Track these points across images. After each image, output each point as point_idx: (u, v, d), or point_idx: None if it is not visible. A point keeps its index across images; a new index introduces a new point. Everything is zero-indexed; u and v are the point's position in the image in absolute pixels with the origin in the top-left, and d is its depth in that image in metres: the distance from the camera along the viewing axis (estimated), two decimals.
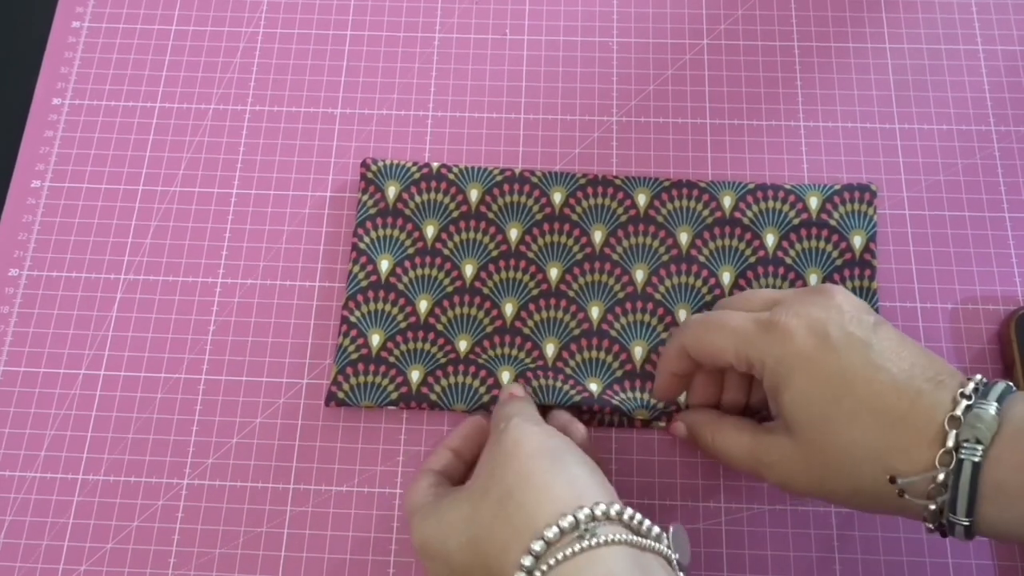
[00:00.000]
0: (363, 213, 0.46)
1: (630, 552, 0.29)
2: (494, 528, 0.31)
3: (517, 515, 0.31)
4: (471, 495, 0.33)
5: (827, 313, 0.34)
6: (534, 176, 0.46)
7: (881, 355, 0.33)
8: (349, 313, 0.44)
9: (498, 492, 0.32)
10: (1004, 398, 0.31)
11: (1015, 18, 0.50)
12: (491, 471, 0.33)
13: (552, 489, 0.31)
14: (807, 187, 0.46)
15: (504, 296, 0.44)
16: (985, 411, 0.30)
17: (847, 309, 0.34)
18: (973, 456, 0.29)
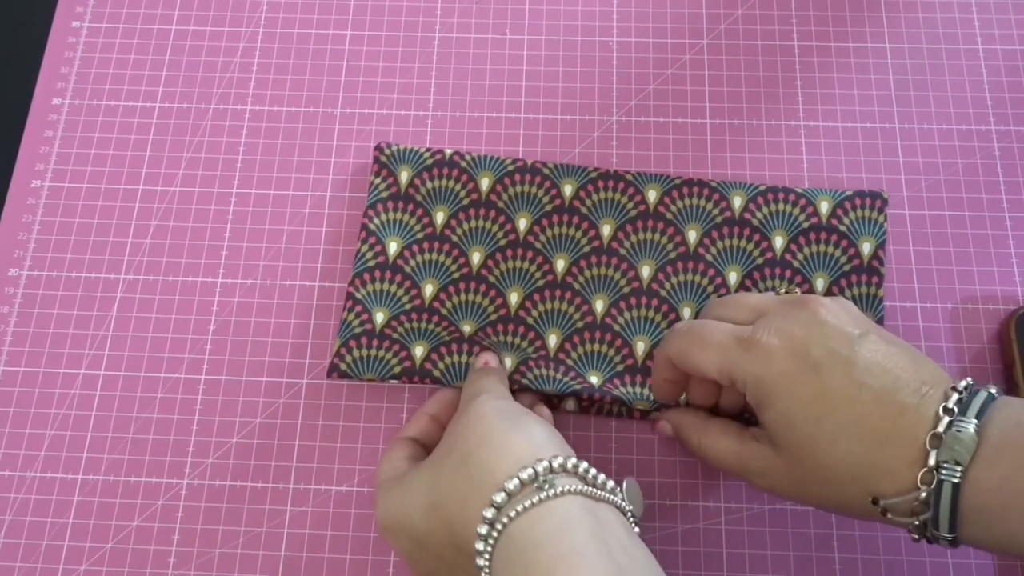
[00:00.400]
0: (375, 196, 0.46)
1: (586, 502, 0.30)
2: (455, 487, 0.32)
3: (478, 472, 0.32)
4: (433, 462, 0.34)
5: (808, 331, 0.34)
6: (546, 167, 0.46)
7: (864, 371, 0.32)
8: (355, 290, 0.44)
9: (459, 454, 0.33)
10: (985, 411, 0.30)
11: (1015, 18, 0.50)
12: (455, 437, 0.34)
13: (511, 445, 0.32)
14: (819, 191, 0.45)
15: (510, 285, 0.45)
16: (964, 431, 0.30)
17: (831, 323, 0.34)
18: (952, 477, 0.29)
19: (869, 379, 0.32)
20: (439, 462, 0.34)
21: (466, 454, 0.33)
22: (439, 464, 0.34)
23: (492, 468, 0.31)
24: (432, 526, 0.33)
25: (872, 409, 0.32)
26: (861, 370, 0.32)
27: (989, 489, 0.29)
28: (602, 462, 0.42)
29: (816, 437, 0.32)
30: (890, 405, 0.32)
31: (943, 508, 0.30)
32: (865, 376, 0.32)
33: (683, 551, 0.41)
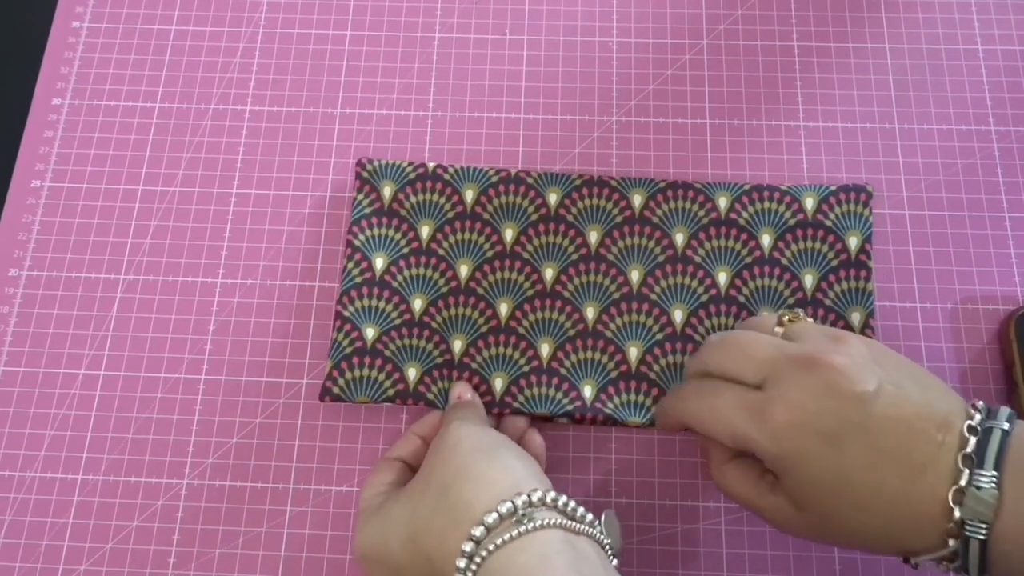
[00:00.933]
0: (358, 212, 0.46)
1: (565, 535, 0.31)
2: (434, 520, 0.32)
3: (456, 506, 0.32)
4: (411, 493, 0.35)
5: (820, 402, 0.32)
6: (530, 177, 0.46)
7: (880, 435, 0.31)
8: (343, 308, 0.44)
9: (437, 486, 0.33)
10: (1003, 454, 0.30)
11: (1015, 18, 0.50)
12: (431, 468, 0.35)
13: (489, 478, 0.32)
14: (803, 188, 0.46)
15: (499, 296, 0.44)
16: (985, 489, 0.29)
17: (843, 387, 0.32)
18: (978, 535, 0.29)
19: (886, 442, 0.31)
20: (417, 494, 0.34)
21: (444, 487, 0.33)
22: (418, 496, 0.34)
23: (471, 501, 0.31)
24: (411, 557, 0.33)
25: (891, 472, 0.31)
26: (876, 434, 0.31)
27: (1014, 538, 0.29)
28: (602, 462, 0.43)
29: (836, 507, 0.32)
30: (909, 466, 0.31)
31: (972, 560, 0.30)
32: (882, 440, 0.31)
33: (683, 551, 0.41)
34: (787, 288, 0.44)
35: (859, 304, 0.44)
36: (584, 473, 0.42)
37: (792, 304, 0.44)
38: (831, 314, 0.44)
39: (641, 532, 0.41)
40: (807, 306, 0.44)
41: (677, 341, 0.44)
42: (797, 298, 0.44)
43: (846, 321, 0.43)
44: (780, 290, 0.44)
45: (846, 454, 0.31)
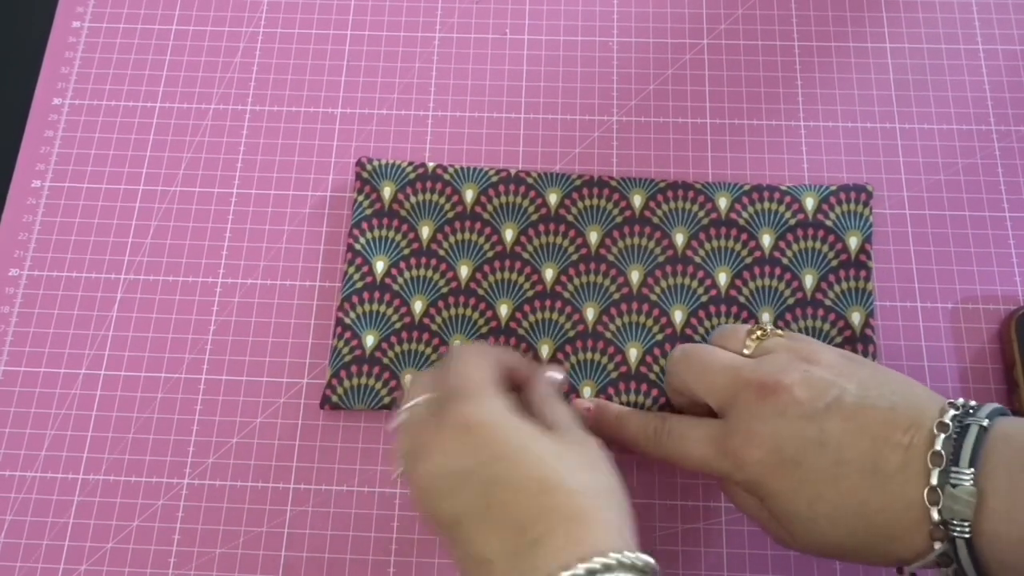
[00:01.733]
0: (359, 214, 0.46)
1: None
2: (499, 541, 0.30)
3: (535, 553, 0.29)
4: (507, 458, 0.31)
5: (775, 427, 0.32)
6: (529, 177, 0.46)
7: (839, 448, 0.31)
8: (344, 315, 0.44)
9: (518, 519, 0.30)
10: (979, 450, 0.29)
11: (1015, 18, 0.50)
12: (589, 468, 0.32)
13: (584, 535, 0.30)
14: (803, 188, 0.46)
15: (499, 297, 0.44)
16: (961, 486, 0.29)
17: (793, 412, 0.32)
18: (963, 534, 0.29)
19: (848, 454, 0.31)
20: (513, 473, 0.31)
21: (524, 527, 0.29)
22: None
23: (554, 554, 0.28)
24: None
25: (859, 484, 0.31)
26: (836, 449, 0.31)
27: (1004, 535, 0.28)
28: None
29: (816, 521, 0.32)
30: (876, 474, 0.31)
31: (964, 562, 0.29)
32: (843, 453, 0.31)
33: (683, 551, 0.41)
34: (787, 288, 0.44)
35: (859, 304, 0.44)
36: None
37: (792, 304, 0.44)
38: (831, 314, 0.44)
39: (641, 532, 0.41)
40: (807, 306, 0.44)
41: (677, 342, 0.44)
42: (797, 298, 0.44)
43: (846, 321, 0.43)
44: (780, 290, 0.44)
45: (810, 472, 0.31)
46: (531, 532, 0.29)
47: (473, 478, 0.31)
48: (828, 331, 0.43)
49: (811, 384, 0.33)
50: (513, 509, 0.30)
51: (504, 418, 0.32)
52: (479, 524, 0.30)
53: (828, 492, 0.31)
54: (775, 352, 0.35)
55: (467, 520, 0.30)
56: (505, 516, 0.30)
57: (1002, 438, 0.30)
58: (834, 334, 0.43)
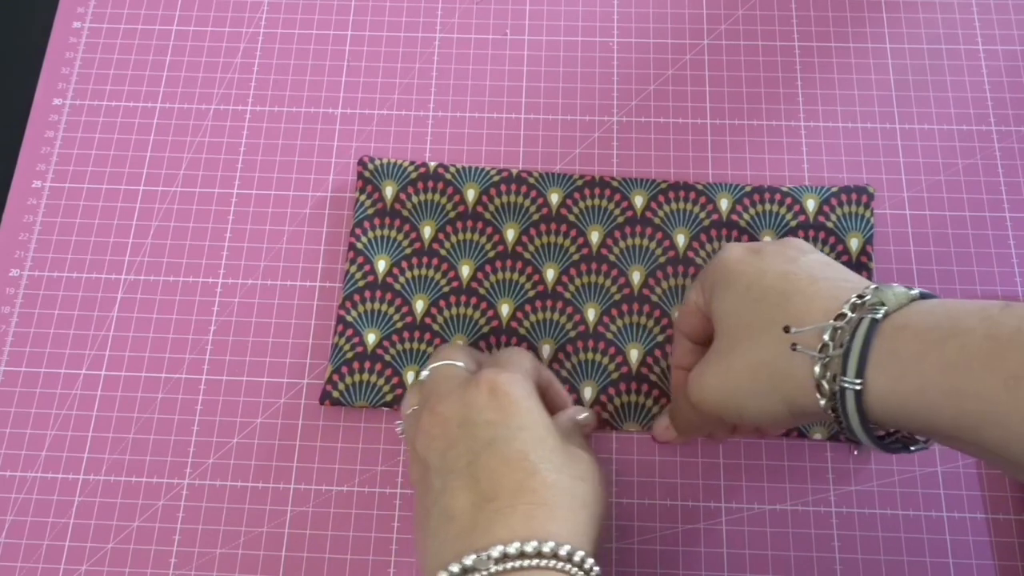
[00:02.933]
0: (361, 213, 0.46)
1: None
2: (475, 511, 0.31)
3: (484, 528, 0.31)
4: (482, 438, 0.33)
5: (768, 242, 0.36)
6: (531, 177, 0.46)
7: (803, 263, 0.34)
8: (345, 313, 0.44)
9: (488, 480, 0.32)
10: (866, 353, 0.29)
11: (1015, 18, 0.50)
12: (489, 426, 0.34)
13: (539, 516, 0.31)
14: (804, 189, 0.46)
15: (500, 297, 0.44)
16: (900, 288, 0.30)
17: (794, 240, 0.36)
18: (874, 314, 0.29)
19: (806, 263, 0.34)
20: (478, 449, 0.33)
21: (492, 492, 0.31)
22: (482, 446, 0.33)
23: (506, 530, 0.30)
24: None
25: (800, 278, 0.33)
26: (803, 263, 0.34)
27: (913, 334, 0.28)
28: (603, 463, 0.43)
29: (742, 305, 0.34)
30: (818, 277, 0.33)
31: (856, 341, 0.29)
32: (804, 264, 0.34)
33: (683, 551, 0.41)
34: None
35: None
36: None
37: None
38: None
39: (641, 532, 0.41)
40: None
41: None
42: None
43: None
44: None
45: (768, 262, 0.34)
46: (498, 502, 0.30)
47: (475, 434, 0.33)
48: None
49: (753, 249, 0.36)
50: (494, 476, 0.31)
51: (527, 396, 0.34)
52: (460, 479, 0.32)
53: (770, 278, 0.34)
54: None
55: (452, 474, 0.32)
56: (484, 479, 0.31)
57: (897, 329, 0.29)
58: None
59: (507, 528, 0.30)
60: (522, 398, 0.34)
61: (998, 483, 0.42)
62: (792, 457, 0.42)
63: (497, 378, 0.34)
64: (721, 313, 0.35)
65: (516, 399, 0.34)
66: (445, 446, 0.33)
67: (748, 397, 0.33)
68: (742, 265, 0.35)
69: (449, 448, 0.33)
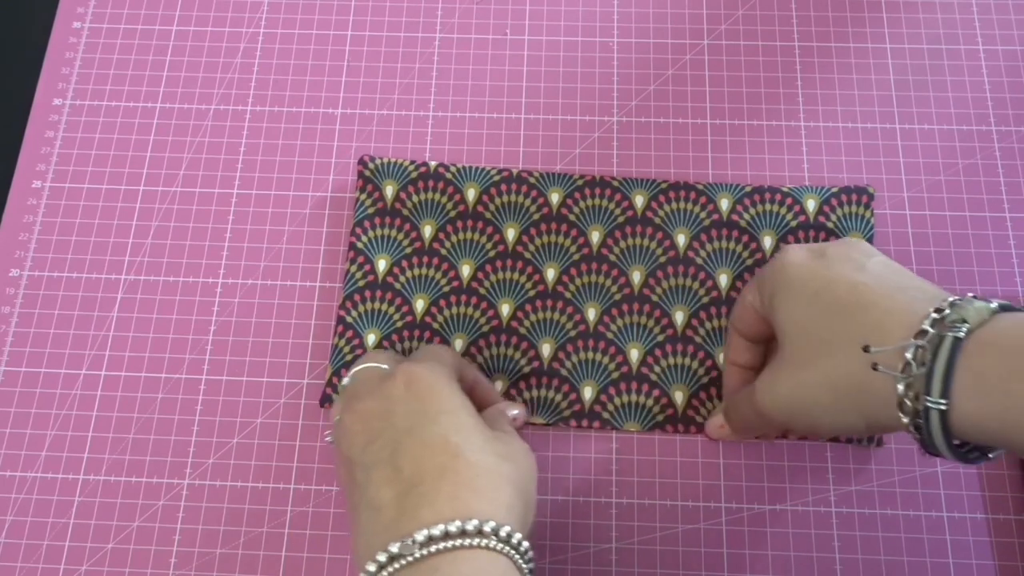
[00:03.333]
0: (361, 212, 0.46)
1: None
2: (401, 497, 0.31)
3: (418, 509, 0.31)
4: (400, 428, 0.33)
5: (829, 243, 0.36)
6: (531, 176, 0.46)
7: (871, 270, 0.33)
8: (346, 313, 0.44)
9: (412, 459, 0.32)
10: (950, 375, 0.29)
11: (1015, 18, 0.50)
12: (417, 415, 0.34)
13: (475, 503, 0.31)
14: (804, 189, 0.46)
15: (501, 297, 0.44)
16: (980, 302, 0.29)
17: (853, 240, 0.36)
18: (956, 332, 0.28)
19: (876, 270, 0.33)
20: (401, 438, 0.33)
21: (419, 477, 0.31)
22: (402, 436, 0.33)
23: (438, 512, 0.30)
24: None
25: (872, 289, 0.32)
26: (870, 271, 0.33)
27: (998, 353, 0.28)
28: (603, 463, 0.43)
29: (812, 314, 0.33)
30: (891, 287, 0.32)
31: (940, 361, 0.28)
32: (872, 271, 0.33)
33: (684, 551, 0.41)
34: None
35: None
36: (585, 473, 0.42)
37: None
38: None
39: (642, 532, 0.41)
40: None
41: (678, 343, 0.44)
42: None
43: None
44: None
45: (835, 270, 0.34)
46: (423, 487, 0.31)
47: (395, 424, 0.33)
48: None
49: (815, 252, 0.35)
50: (416, 462, 0.31)
51: (445, 383, 0.35)
52: (383, 470, 0.32)
53: (840, 287, 0.33)
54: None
55: (375, 467, 0.32)
56: (407, 466, 0.31)
57: (981, 346, 0.29)
58: None
59: (432, 511, 0.30)
60: (439, 385, 0.34)
61: (998, 483, 0.42)
62: (792, 457, 0.42)
63: (412, 368, 0.35)
64: (788, 322, 0.34)
65: (433, 386, 0.34)
66: (366, 441, 0.33)
67: (824, 412, 0.33)
68: (806, 271, 0.34)
69: (370, 442, 0.33)
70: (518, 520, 0.32)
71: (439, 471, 0.31)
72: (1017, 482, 0.42)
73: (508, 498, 0.32)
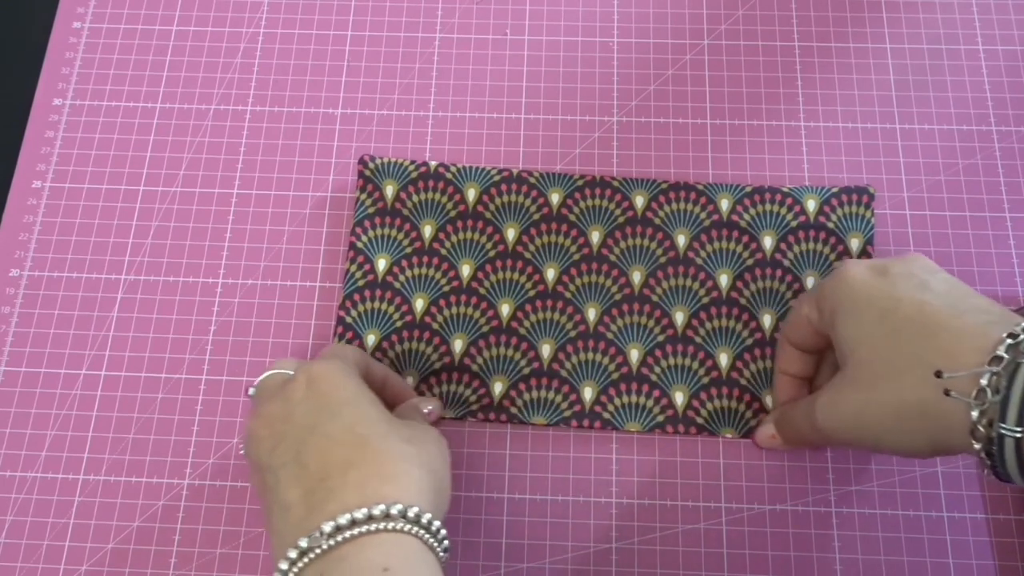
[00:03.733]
0: (361, 212, 0.46)
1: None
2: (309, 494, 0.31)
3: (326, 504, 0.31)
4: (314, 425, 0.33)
5: (890, 260, 0.35)
6: (532, 176, 0.46)
7: (936, 289, 0.32)
8: (345, 313, 0.44)
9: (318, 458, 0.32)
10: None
11: (1015, 18, 0.50)
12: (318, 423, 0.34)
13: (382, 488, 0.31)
14: (805, 189, 0.46)
15: (501, 297, 0.44)
16: (1005, 432, 0.28)
17: (914, 256, 0.35)
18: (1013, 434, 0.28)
19: (940, 290, 0.32)
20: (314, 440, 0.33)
21: (325, 471, 0.31)
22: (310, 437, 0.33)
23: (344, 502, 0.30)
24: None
25: (937, 309, 0.31)
26: (934, 290, 0.33)
27: None
28: (603, 463, 0.43)
29: (877, 334, 0.33)
30: (957, 308, 0.31)
31: (1016, 387, 0.28)
32: (937, 290, 0.32)
33: (684, 551, 0.41)
34: (789, 290, 0.44)
35: None
36: (585, 473, 0.42)
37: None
38: None
39: (642, 532, 0.41)
40: None
41: (678, 343, 0.44)
42: None
43: None
44: (782, 292, 0.44)
45: (899, 289, 0.33)
46: (330, 480, 0.31)
47: (298, 423, 0.33)
48: None
49: (877, 270, 0.35)
50: (321, 457, 0.32)
51: (347, 378, 0.34)
52: (290, 470, 0.32)
53: (905, 307, 0.32)
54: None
55: (283, 468, 0.32)
56: (312, 463, 0.31)
57: None
58: None
59: (339, 502, 0.30)
60: (339, 380, 0.34)
61: (998, 483, 0.42)
62: (792, 457, 0.42)
63: (312, 367, 0.35)
64: (850, 340, 0.34)
65: (334, 382, 0.34)
66: (272, 444, 0.33)
67: (888, 433, 0.33)
68: (870, 289, 0.34)
69: (276, 445, 0.33)
70: (429, 501, 0.32)
71: (345, 463, 0.31)
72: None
73: (417, 481, 0.32)
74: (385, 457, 0.32)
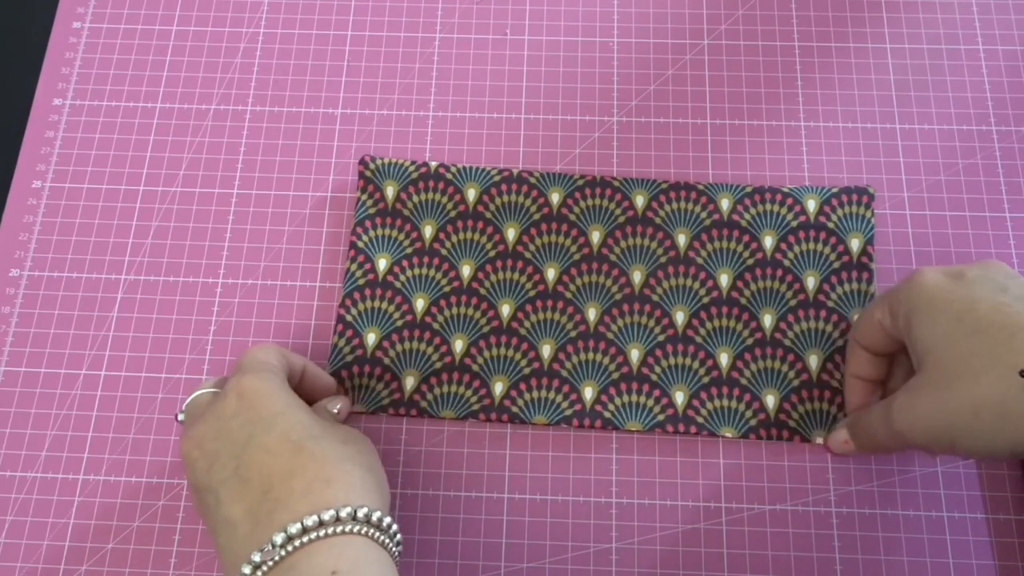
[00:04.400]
0: (362, 212, 0.46)
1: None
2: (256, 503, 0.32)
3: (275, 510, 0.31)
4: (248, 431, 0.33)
5: (966, 265, 0.35)
6: (532, 176, 0.46)
7: (1014, 292, 0.33)
8: (345, 312, 0.44)
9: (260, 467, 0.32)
10: None
11: (1015, 18, 0.50)
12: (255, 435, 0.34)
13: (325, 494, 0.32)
14: (805, 189, 0.46)
15: (501, 297, 0.44)
16: None
17: (991, 260, 0.35)
18: None
19: (1015, 290, 0.32)
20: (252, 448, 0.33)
21: (269, 480, 0.32)
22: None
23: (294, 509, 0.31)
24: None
25: (1015, 310, 0.32)
26: (1012, 293, 0.33)
27: None
28: (603, 463, 0.43)
29: (954, 335, 0.33)
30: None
31: None
32: (1015, 293, 0.32)
33: (684, 551, 0.41)
34: (789, 290, 0.44)
35: (861, 306, 0.44)
36: (586, 473, 0.42)
37: (795, 306, 0.44)
38: (834, 315, 0.44)
39: (642, 532, 0.41)
40: (809, 307, 0.44)
41: (679, 343, 0.44)
42: (799, 300, 0.44)
43: (849, 323, 0.43)
44: (782, 292, 0.44)
45: (976, 291, 0.33)
46: (274, 492, 0.31)
47: (233, 439, 0.33)
48: (830, 332, 0.43)
49: (953, 274, 0.35)
50: (262, 469, 0.32)
51: (276, 388, 0.35)
52: (230, 487, 0.32)
53: (982, 308, 0.33)
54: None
55: (222, 486, 0.32)
56: (254, 477, 0.32)
57: None
58: (836, 335, 0.43)
59: (287, 512, 0.30)
60: (268, 390, 0.34)
61: (998, 483, 0.42)
62: (792, 457, 0.42)
63: (240, 380, 0.34)
64: (927, 342, 0.34)
65: (264, 393, 0.34)
66: (208, 464, 0.33)
67: (966, 434, 0.33)
68: (946, 292, 0.34)
69: (212, 464, 0.33)
70: (375, 498, 0.32)
71: (286, 472, 0.32)
72: (1017, 482, 0.42)
73: (360, 480, 0.32)
74: (324, 461, 0.32)
